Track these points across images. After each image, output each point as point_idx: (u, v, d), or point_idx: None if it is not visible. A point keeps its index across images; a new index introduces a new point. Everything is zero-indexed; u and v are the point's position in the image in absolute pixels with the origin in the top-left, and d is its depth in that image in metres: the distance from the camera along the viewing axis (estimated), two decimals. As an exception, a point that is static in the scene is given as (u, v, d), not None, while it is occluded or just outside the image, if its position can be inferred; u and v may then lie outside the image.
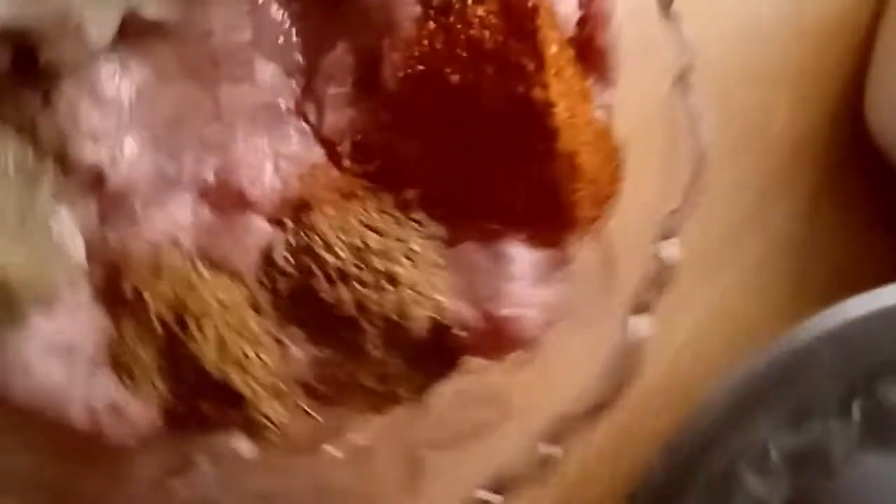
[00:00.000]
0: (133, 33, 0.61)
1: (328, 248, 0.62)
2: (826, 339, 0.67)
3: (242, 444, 0.63)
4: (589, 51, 0.62)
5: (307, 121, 0.65)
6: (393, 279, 0.61)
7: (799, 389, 0.68)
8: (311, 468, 0.65)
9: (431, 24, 0.61)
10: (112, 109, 0.61)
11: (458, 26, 0.61)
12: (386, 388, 0.65)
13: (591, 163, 0.61)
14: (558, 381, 0.63)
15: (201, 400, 0.62)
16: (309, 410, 0.64)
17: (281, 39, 0.66)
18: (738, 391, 0.67)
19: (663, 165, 0.62)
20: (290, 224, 0.64)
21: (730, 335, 0.82)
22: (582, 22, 0.62)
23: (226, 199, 0.63)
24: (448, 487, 0.62)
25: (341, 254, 0.62)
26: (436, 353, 0.65)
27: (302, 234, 0.63)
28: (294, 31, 0.66)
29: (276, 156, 0.64)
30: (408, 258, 0.63)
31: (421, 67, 0.62)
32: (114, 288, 0.62)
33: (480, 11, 0.60)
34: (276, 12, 0.65)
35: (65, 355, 0.60)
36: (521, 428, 0.62)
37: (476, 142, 0.62)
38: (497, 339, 0.63)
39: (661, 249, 0.60)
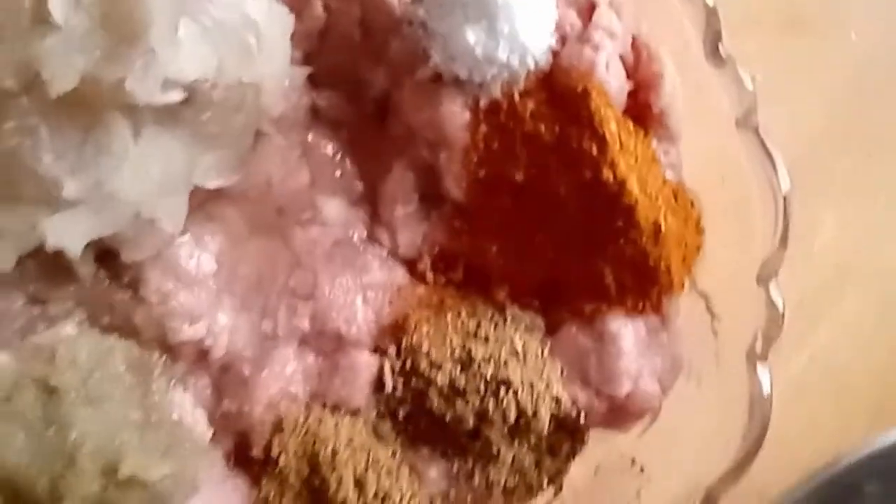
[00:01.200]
0: (197, 205, 0.62)
1: (434, 365, 0.63)
2: (869, 469, 0.69)
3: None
4: (647, 116, 0.62)
5: (382, 245, 0.66)
6: (506, 384, 0.62)
7: None
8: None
9: (484, 128, 0.62)
10: (198, 286, 0.62)
11: (511, 124, 0.61)
12: (523, 480, 0.66)
13: (673, 224, 0.61)
14: (691, 439, 0.63)
15: (354, 541, 0.63)
16: (457, 523, 0.65)
17: (338, 173, 0.66)
18: None
19: (743, 209, 0.62)
20: (392, 350, 0.65)
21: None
22: (634, 91, 0.62)
23: (326, 343, 0.65)
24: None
25: (448, 369, 0.63)
26: (565, 436, 0.65)
27: (406, 357, 0.64)
28: (348, 161, 0.67)
29: (362, 288, 0.65)
30: (514, 357, 0.63)
31: (483, 172, 0.62)
32: (245, 454, 0.64)
33: (531, 105, 0.60)
34: (327, 148, 0.66)
35: (219, 533, 0.61)
36: (665, 494, 0.63)
37: (554, 231, 0.63)
38: (618, 415, 0.64)
39: (766, 294, 0.60)
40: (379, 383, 0.64)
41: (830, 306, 0.83)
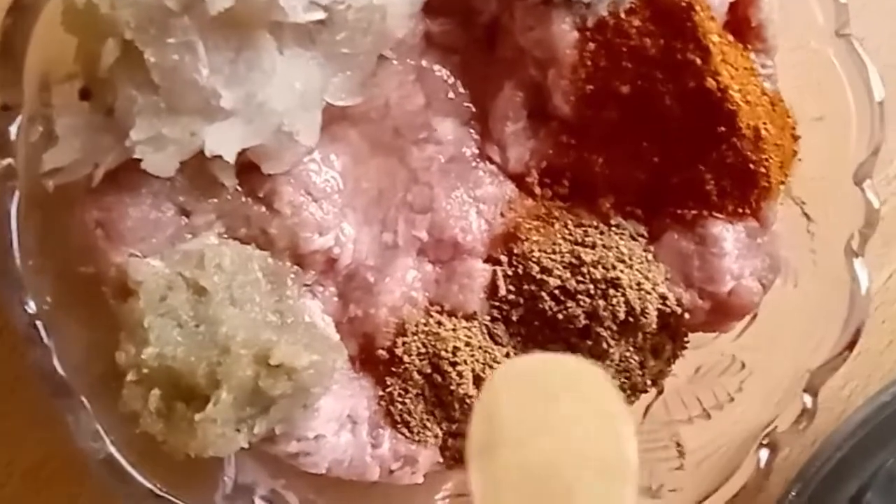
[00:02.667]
0: (324, 126, 0.66)
1: (545, 271, 0.68)
2: None
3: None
4: (747, 29, 0.66)
5: (493, 162, 0.70)
6: (615, 284, 0.66)
7: None
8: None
9: (591, 45, 0.66)
10: (326, 200, 0.67)
11: (618, 41, 0.65)
12: (628, 380, 0.70)
13: (771, 131, 0.65)
14: (789, 335, 0.67)
15: (474, 433, 0.68)
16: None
17: (451, 94, 0.71)
18: (867, 424, 0.72)
19: (837, 118, 0.65)
20: (504, 259, 0.69)
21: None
22: (734, 5, 0.65)
23: (443, 251, 0.69)
24: (713, 455, 0.67)
25: (559, 273, 0.67)
26: (667, 338, 0.70)
27: (518, 264, 0.69)
28: (460, 84, 0.71)
29: (475, 201, 0.70)
30: (620, 261, 0.67)
31: (591, 87, 0.66)
32: (370, 355, 0.69)
33: (636, 22, 0.64)
34: (441, 71, 0.70)
35: (350, 425, 0.67)
36: (769, 386, 0.67)
37: (658, 140, 0.67)
38: (721, 313, 0.68)
39: (862, 194, 0.63)
40: (493, 289, 0.69)
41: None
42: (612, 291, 0.66)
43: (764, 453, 0.65)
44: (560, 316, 0.67)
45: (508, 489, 0.45)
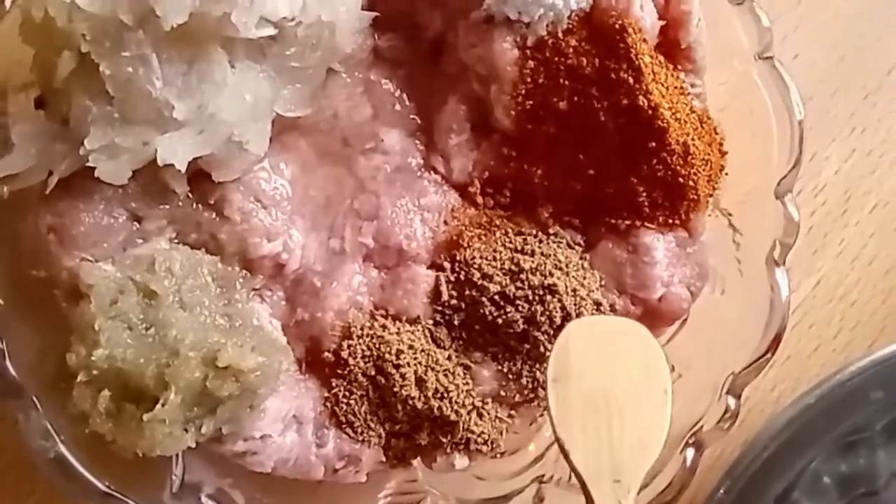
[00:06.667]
0: (273, 136, 0.69)
1: (486, 277, 0.70)
2: (874, 377, 0.75)
3: (457, 460, 0.72)
4: (677, 51, 0.69)
5: (437, 172, 0.73)
6: (552, 291, 0.69)
7: (849, 421, 0.75)
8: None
9: (531, 63, 0.69)
10: (275, 207, 0.69)
11: (556, 59, 0.68)
12: (565, 382, 0.73)
13: (699, 147, 0.68)
14: (716, 340, 0.71)
15: (416, 433, 0.71)
16: (506, 419, 0.73)
17: (397, 107, 0.73)
18: (793, 424, 0.74)
19: (761, 135, 0.69)
20: (447, 265, 0.72)
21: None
22: (664, 28, 0.69)
23: (388, 258, 0.72)
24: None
25: (499, 280, 0.70)
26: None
27: (460, 271, 0.71)
28: (406, 96, 0.74)
29: (420, 209, 0.72)
30: (558, 268, 0.70)
31: (530, 103, 0.69)
32: (316, 357, 0.71)
33: (573, 41, 0.68)
34: (388, 84, 0.73)
35: (296, 426, 0.69)
36: (696, 388, 0.70)
37: (594, 153, 0.70)
38: (652, 318, 0.71)
39: (783, 208, 0.67)
40: (436, 294, 0.71)
41: (835, 235, 0.90)
42: (549, 297, 0.69)
43: (690, 452, 0.68)
44: (500, 321, 0.70)
45: (576, 409, 0.60)
